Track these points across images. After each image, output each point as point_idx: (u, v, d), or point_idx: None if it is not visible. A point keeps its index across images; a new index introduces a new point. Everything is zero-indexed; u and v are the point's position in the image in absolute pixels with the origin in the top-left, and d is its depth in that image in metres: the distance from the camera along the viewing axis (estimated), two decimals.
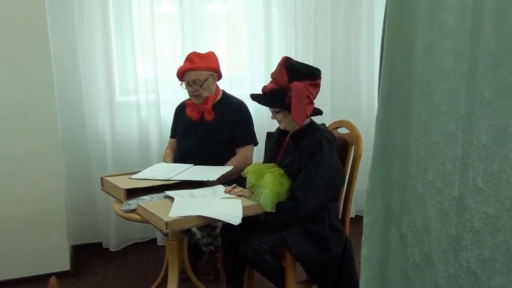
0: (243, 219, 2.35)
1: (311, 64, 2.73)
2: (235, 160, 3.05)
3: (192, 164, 2.97)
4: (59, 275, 3.07)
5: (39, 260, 3.31)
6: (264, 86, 2.62)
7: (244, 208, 2.43)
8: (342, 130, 2.86)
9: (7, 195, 3.22)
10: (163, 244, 3.59)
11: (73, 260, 3.51)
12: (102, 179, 2.88)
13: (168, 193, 2.61)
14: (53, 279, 2.96)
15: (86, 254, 3.68)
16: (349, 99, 4.13)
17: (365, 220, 1.90)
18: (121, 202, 2.64)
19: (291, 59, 2.59)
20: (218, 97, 3.17)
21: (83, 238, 3.76)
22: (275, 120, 2.70)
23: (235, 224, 2.32)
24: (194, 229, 3.19)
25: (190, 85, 3.06)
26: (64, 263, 3.38)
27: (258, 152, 3.16)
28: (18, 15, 3.08)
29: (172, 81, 3.23)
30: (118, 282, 3.34)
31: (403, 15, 1.76)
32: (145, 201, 2.58)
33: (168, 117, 3.48)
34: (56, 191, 3.32)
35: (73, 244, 3.64)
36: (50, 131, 3.26)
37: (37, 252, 3.30)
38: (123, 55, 3.64)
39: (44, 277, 3.05)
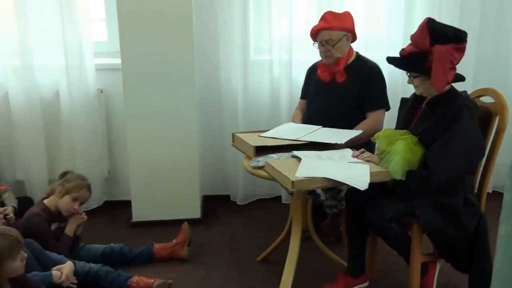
0: (370, 184, 2.31)
1: (456, 26, 2.54)
2: (365, 124, 2.98)
3: (321, 126, 2.96)
4: (191, 222, 3.26)
5: (174, 206, 3.56)
6: (403, 49, 2.50)
7: (372, 174, 2.38)
8: (486, 99, 2.65)
9: (151, 146, 3.48)
10: (287, 203, 3.66)
11: (203, 209, 3.72)
12: (233, 135, 2.98)
13: (296, 153, 2.63)
14: (185, 225, 3.18)
15: (215, 204, 3.87)
16: (496, 67, 3.80)
17: (505, 197, 1.76)
18: (250, 159, 2.72)
19: (434, 20, 2.44)
20: (351, 59, 3.09)
21: (213, 190, 3.95)
22: (410, 85, 2.58)
23: (362, 189, 2.29)
24: (319, 191, 3.22)
25: (323, 45, 3.01)
26: (195, 211, 3.60)
27: (389, 118, 3.05)
28: None
29: (306, 41, 3.20)
30: (243, 233, 3.49)
31: None
32: (273, 159, 2.62)
33: (300, 78, 3.47)
34: (191, 144, 3.51)
35: (203, 194, 3.84)
36: (187, 87, 3.42)
37: (172, 199, 3.55)
38: (260, 14, 3.67)
39: (178, 222, 3.26)
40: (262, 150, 2.71)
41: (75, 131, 3.65)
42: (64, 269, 2.56)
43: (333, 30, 2.98)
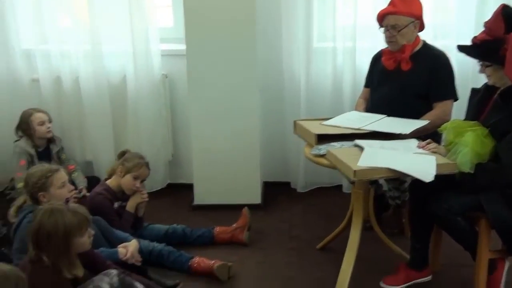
0: (436, 177, 2.25)
1: None
2: (432, 115, 2.90)
3: (385, 115, 2.90)
4: (251, 207, 3.30)
5: (235, 191, 3.60)
6: (475, 37, 2.41)
7: (438, 165, 2.31)
8: None
9: (213, 131, 3.53)
10: (348, 192, 3.62)
11: (264, 195, 3.74)
12: (295, 122, 2.98)
13: (358, 142, 2.60)
14: (245, 210, 3.22)
15: (275, 191, 3.89)
16: None
17: None
18: (312, 146, 2.71)
19: (509, 7, 2.33)
20: (418, 47, 3.00)
21: (273, 176, 3.96)
22: (480, 75, 2.49)
23: (427, 181, 2.23)
24: (382, 181, 3.17)
25: (388, 30, 2.94)
26: (256, 197, 3.63)
27: (458, 109, 2.94)
28: None
29: (372, 28, 3.14)
30: (303, 221, 3.49)
31: None
32: (335, 147, 2.60)
33: (364, 66, 3.41)
34: (253, 130, 3.54)
35: (264, 180, 3.86)
36: (250, 74, 3.44)
37: (233, 184, 3.59)
38: (324, 1, 3.62)
39: (238, 207, 3.30)
40: (324, 138, 2.69)
41: (140, 114, 3.76)
42: (130, 247, 2.65)
43: (400, 15, 2.90)
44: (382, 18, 2.96)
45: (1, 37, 3.67)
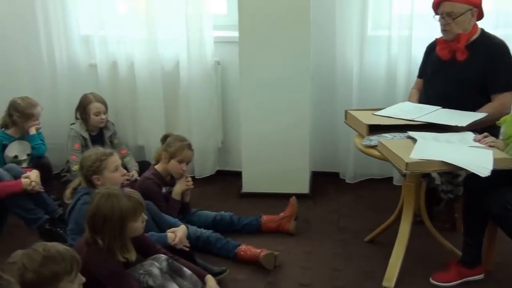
0: (492, 171, 2.17)
1: None
2: (490, 107, 2.79)
3: (440, 107, 2.81)
4: (299, 197, 3.28)
5: (283, 180, 3.59)
6: None
7: (495, 160, 2.23)
8: None
9: (263, 119, 3.53)
10: (399, 184, 3.55)
11: (312, 185, 3.72)
12: (346, 112, 2.94)
13: (411, 133, 2.55)
14: (293, 199, 3.21)
15: (323, 181, 3.85)
16: None
17: None
18: (363, 137, 2.67)
19: None
20: (474, 37, 2.89)
21: (322, 166, 3.93)
22: None
23: (483, 175, 2.16)
24: (434, 174, 3.08)
25: (443, 17, 2.84)
26: (303, 186, 3.61)
27: None
28: None
29: (429, 17, 3.03)
30: (351, 212, 3.45)
31: None
32: (386, 138, 2.56)
33: (419, 56, 3.30)
34: (303, 119, 3.51)
35: (313, 170, 3.83)
36: (302, 62, 3.41)
37: (282, 173, 3.58)
38: None
39: (286, 196, 3.29)
40: (375, 129, 2.65)
41: (192, 101, 3.80)
42: (178, 232, 2.70)
43: (457, 2, 2.80)
44: (437, 5, 2.87)
45: (62, 24, 3.78)
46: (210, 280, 2.43)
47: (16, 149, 3.45)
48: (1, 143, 3.42)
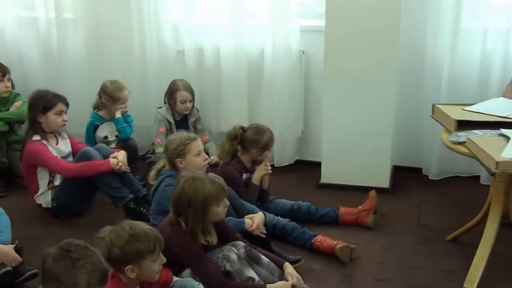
0: None
1: None
2: None
3: None
4: (378, 191, 3.22)
5: (363, 173, 3.54)
6: None
7: None
8: None
9: (345, 110, 3.48)
10: (486, 184, 3.38)
11: (392, 179, 3.63)
12: (434, 106, 2.85)
13: (504, 131, 2.43)
14: (373, 193, 3.15)
15: (405, 176, 3.75)
16: None
17: None
18: (450, 133, 2.57)
19: None
20: None
21: (405, 161, 3.82)
22: None
23: None
24: None
25: None
26: (384, 180, 3.53)
27: None
28: None
29: None
30: (433, 210, 3.34)
31: None
32: (476, 135, 2.46)
33: None
34: (386, 112, 3.43)
35: (394, 164, 3.74)
36: (389, 54, 3.32)
37: (362, 166, 3.53)
38: None
39: (365, 189, 3.26)
40: (464, 125, 2.55)
41: (275, 89, 3.81)
42: (256, 219, 2.73)
43: None
44: None
45: (154, 11, 3.89)
46: (289, 267, 2.45)
47: (106, 130, 3.64)
48: (93, 123, 3.63)
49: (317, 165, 3.71)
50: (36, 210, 3.27)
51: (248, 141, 3.09)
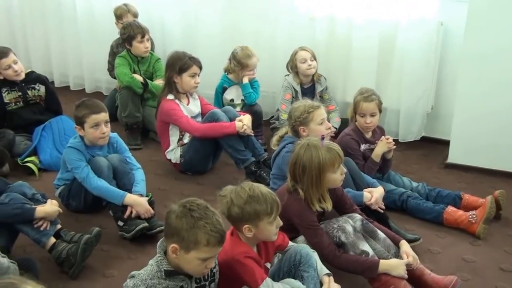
0: None
1: None
2: None
3: None
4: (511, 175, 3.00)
5: (495, 155, 3.32)
6: None
7: None
8: None
9: (482, 88, 3.25)
10: None
11: None
12: None
13: None
14: (490, 198, 2.84)
15: None
16: None
17: None
18: None
19: None
20: None
21: None
22: None
23: None
24: None
25: None
26: None
27: None
28: None
29: None
30: None
31: None
32: None
33: None
34: None
35: None
36: None
37: (494, 148, 3.31)
38: None
39: (496, 173, 3.12)
40: None
41: (406, 62, 3.65)
42: (375, 193, 2.68)
43: None
44: None
45: None
46: (405, 244, 2.38)
47: (233, 93, 3.76)
48: (222, 85, 3.76)
49: (445, 143, 3.54)
50: (166, 164, 3.49)
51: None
